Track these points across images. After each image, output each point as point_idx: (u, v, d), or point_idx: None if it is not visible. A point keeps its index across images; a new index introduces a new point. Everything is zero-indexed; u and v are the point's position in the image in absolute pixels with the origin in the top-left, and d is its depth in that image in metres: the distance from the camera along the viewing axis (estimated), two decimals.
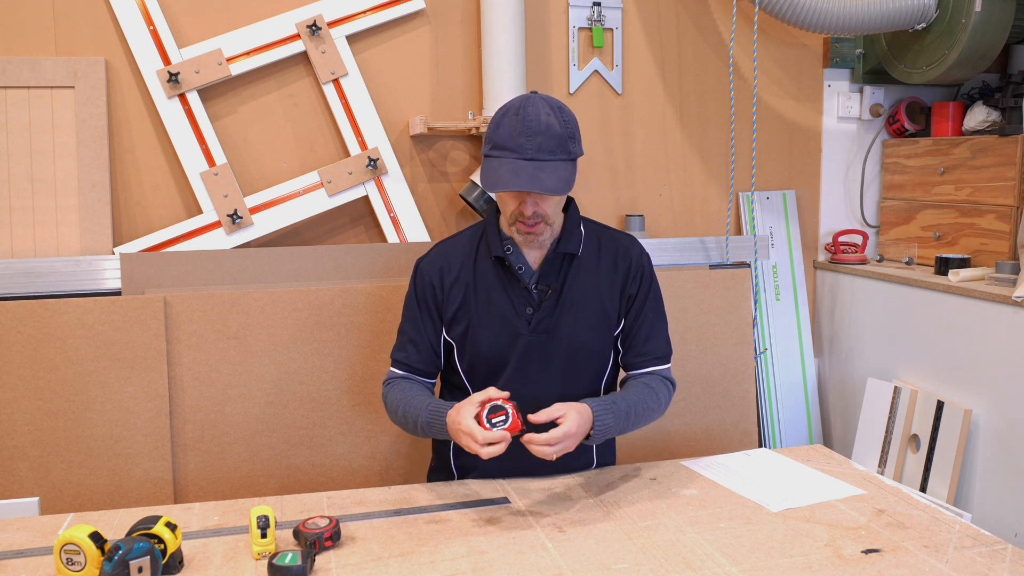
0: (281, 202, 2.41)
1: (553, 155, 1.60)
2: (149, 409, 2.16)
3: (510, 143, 1.60)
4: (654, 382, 1.76)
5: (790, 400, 2.91)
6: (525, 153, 1.58)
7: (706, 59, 2.83)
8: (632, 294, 1.78)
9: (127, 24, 2.32)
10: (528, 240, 1.68)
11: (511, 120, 1.62)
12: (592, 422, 1.59)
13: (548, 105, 1.62)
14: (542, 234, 1.67)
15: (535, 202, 1.63)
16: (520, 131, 1.59)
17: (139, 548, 1.26)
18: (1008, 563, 1.34)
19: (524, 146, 1.58)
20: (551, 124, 1.60)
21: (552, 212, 1.66)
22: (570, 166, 1.63)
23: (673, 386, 1.80)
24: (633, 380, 1.78)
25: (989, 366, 2.31)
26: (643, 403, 1.70)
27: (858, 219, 3.05)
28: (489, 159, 1.63)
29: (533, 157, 1.58)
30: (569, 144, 1.62)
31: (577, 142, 1.65)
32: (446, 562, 1.37)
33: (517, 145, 1.59)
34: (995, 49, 2.50)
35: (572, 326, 1.73)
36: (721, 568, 1.34)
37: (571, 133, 1.63)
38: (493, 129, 1.64)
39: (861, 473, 1.75)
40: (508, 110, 1.64)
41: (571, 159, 1.63)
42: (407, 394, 1.73)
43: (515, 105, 1.64)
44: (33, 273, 2.17)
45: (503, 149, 1.60)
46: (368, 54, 2.53)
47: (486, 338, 1.73)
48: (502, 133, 1.61)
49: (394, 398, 1.75)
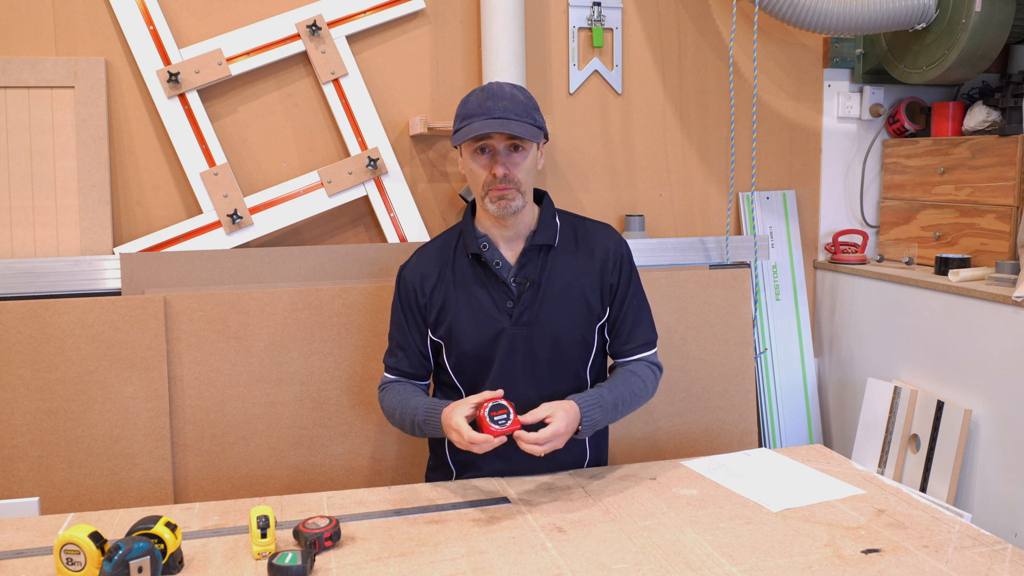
0: (281, 202, 2.42)
1: (520, 117, 1.67)
2: (149, 409, 2.16)
3: (477, 109, 1.68)
4: (640, 369, 1.81)
5: (790, 400, 2.91)
6: (493, 113, 1.67)
7: (706, 59, 2.83)
8: (614, 283, 1.81)
9: (127, 24, 2.32)
10: (501, 207, 1.71)
11: (476, 94, 1.72)
12: (580, 418, 1.64)
13: (511, 84, 1.74)
14: (514, 199, 1.71)
15: (504, 164, 1.68)
16: (486, 98, 1.68)
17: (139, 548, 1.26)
18: (1008, 563, 1.34)
19: (492, 108, 1.67)
20: (515, 94, 1.71)
21: (523, 178, 1.71)
22: (536, 131, 1.70)
23: (660, 370, 1.86)
24: (620, 368, 1.83)
25: (989, 366, 2.31)
26: (630, 392, 1.76)
27: (858, 219, 3.05)
28: (459, 130, 1.70)
29: (501, 116, 1.66)
30: (535, 114, 1.71)
31: (541, 116, 1.73)
32: (446, 562, 1.37)
33: (484, 109, 1.68)
34: (995, 49, 2.50)
35: (553, 317, 1.76)
36: (721, 568, 1.34)
37: (535, 106, 1.73)
38: (460, 107, 1.74)
39: (861, 473, 1.75)
40: (473, 91, 1.74)
41: (537, 126, 1.70)
42: (402, 396, 1.79)
43: (479, 87, 1.74)
44: (33, 273, 2.17)
45: (471, 116, 1.69)
46: (368, 54, 2.53)
47: (469, 335, 1.76)
48: (469, 106, 1.71)
49: (390, 401, 1.81)
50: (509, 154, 1.69)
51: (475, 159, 1.71)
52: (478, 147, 1.70)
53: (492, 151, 1.69)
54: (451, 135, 1.73)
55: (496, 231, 1.78)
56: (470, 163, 1.72)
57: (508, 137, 1.67)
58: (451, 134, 2.55)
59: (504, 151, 1.69)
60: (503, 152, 1.69)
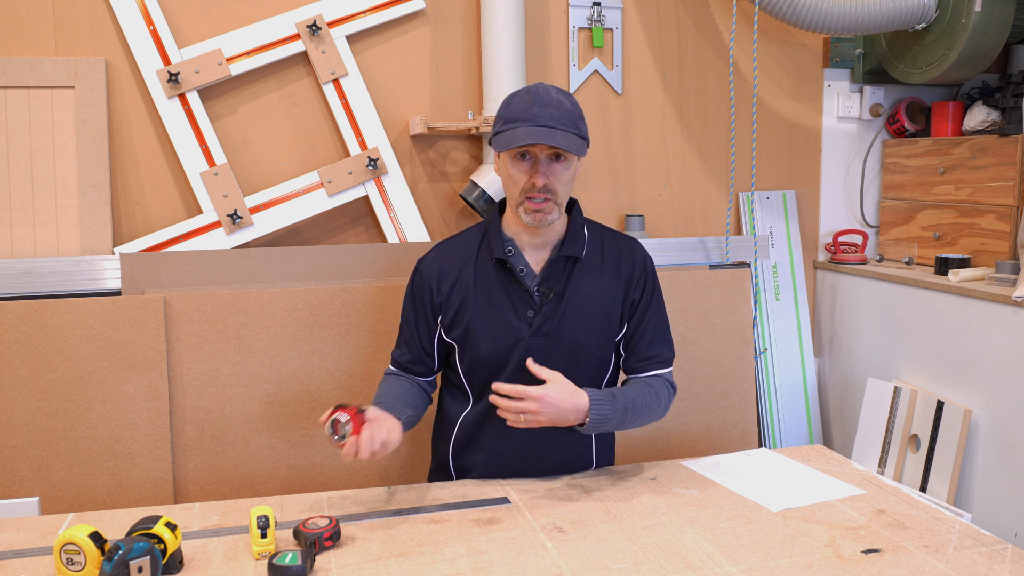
0: (281, 202, 2.41)
1: (565, 127, 1.62)
2: (149, 409, 2.16)
3: (522, 115, 1.62)
4: (656, 383, 1.75)
5: (790, 400, 2.91)
6: (539, 120, 1.60)
7: (706, 59, 2.83)
8: (636, 299, 1.77)
9: (127, 24, 2.32)
10: (536, 219, 1.66)
11: (522, 97, 1.65)
12: (587, 411, 1.59)
13: (557, 89, 1.66)
14: (550, 212, 1.66)
15: (546, 174, 1.63)
16: (532, 103, 1.62)
17: (139, 548, 1.26)
18: (1008, 563, 1.34)
19: (538, 115, 1.61)
20: (562, 101, 1.64)
21: (562, 190, 1.67)
22: (581, 143, 1.65)
23: (674, 389, 1.80)
24: (635, 380, 1.77)
25: (989, 366, 2.31)
26: (643, 401, 1.70)
27: (858, 219, 3.05)
28: (501, 133, 1.64)
29: (547, 124, 1.60)
30: (580, 123, 1.65)
31: (585, 126, 1.68)
32: (446, 562, 1.37)
33: (531, 115, 1.61)
34: (995, 49, 2.50)
35: (574, 330, 1.72)
36: (721, 568, 1.34)
37: (580, 115, 1.66)
38: (503, 108, 1.66)
39: (861, 473, 1.75)
40: (517, 92, 1.67)
41: (581, 136, 1.65)
42: (382, 391, 1.77)
43: (524, 88, 1.67)
44: (33, 273, 2.17)
45: (516, 121, 1.62)
46: (368, 54, 2.53)
47: (486, 341, 1.72)
48: (513, 108, 1.64)
49: (377, 392, 1.78)
50: (550, 163, 1.64)
51: (515, 164, 1.65)
52: (519, 152, 1.64)
53: (533, 158, 1.64)
54: (492, 135, 1.66)
55: (524, 237, 1.73)
56: (510, 168, 1.66)
57: (551, 146, 1.62)
58: (454, 135, 2.57)
59: (546, 160, 1.63)
60: (544, 161, 1.63)
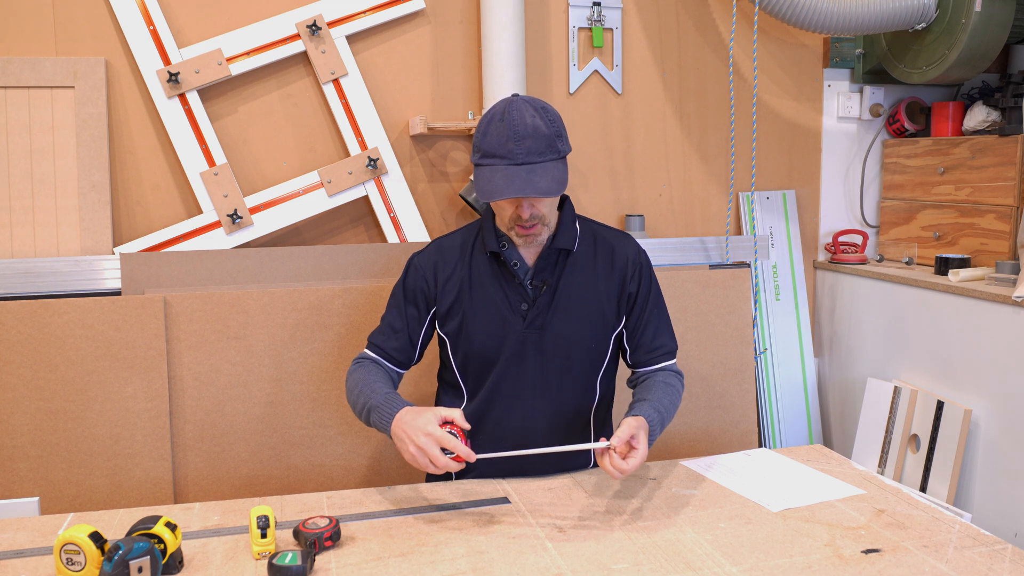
0: (281, 202, 2.42)
1: (543, 156, 1.61)
2: (149, 409, 2.16)
3: (499, 150, 1.61)
4: (671, 379, 1.77)
5: (790, 400, 2.91)
6: (516, 158, 1.59)
7: (706, 59, 2.83)
8: (632, 292, 1.78)
9: (127, 24, 2.32)
10: (527, 241, 1.70)
11: (497, 127, 1.62)
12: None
13: (531, 107, 1.63)
14: (540, 235, 1.70)
15: (531, 204, 1.64)
16: (508, 136, 1.60)
17: (139, 548, 1.26)
18: (1008, 563, 1.34)
19: (514, 151, 1.59)
20: (537, 126, 1.61)
21: (548, 212, 1.68)
22: (561, 165, 1.64)
23: (682, 377, 1.83)
24: (651, 380, 1.77)
25: (989, 366, 2.31)
26: (673, 405, 1.72)
27: (858, 219, 3.05)
28: (480, 168, 1.64)
29: (524, 161, 1.59)
30: (557, 143, 1.64)
31: (565, 140, 1.66)
32: (446, 562, 1.37)
33: (507, 151, 1.60)
34: (995, 49, 2.50)
35: (567, 323, 1.74)
36: (721, 568, 1.34)
37: (558, 132, 1.64)
38: (480, 137, 1.65)
39: (861, 473, 1.75)
40: (492, 117, 1.64)
41: (561, 158, 1.64)
42: (373, 376, 1.71)
43: (499, 111, 1.64)
44: (33, 273, 2.17)
45: (493, 156, 1.61)
46: (368, 54, 2.53)
47: (480, 333, 1.74)
48: (490, 141, 1.62)
49: (358, 376, 1.73)
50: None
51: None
52: None
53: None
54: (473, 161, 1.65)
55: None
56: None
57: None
58: (454, 135, 2.57)
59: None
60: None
